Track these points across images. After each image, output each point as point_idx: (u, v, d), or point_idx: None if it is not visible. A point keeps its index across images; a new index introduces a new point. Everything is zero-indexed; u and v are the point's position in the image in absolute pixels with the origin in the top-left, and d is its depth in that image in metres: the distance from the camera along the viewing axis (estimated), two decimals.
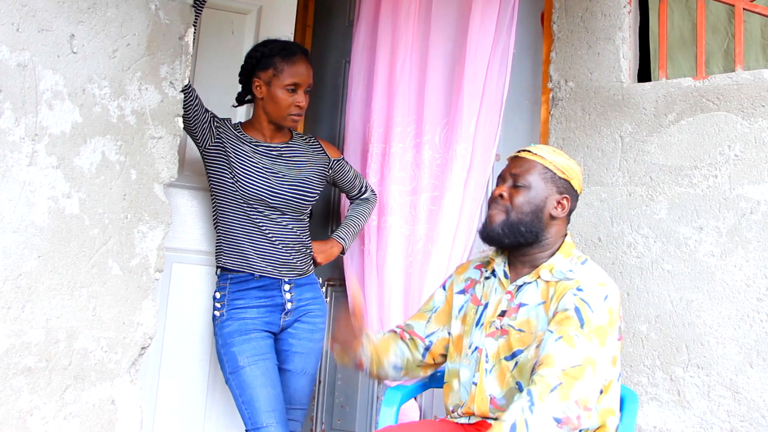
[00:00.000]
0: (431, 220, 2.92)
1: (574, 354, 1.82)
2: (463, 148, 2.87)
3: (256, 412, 2.47)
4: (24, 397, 1.92)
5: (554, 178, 2.03)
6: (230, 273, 2.62)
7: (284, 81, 2.60)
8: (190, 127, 2.58)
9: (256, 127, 2.69)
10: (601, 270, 2.02)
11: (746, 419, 2.43)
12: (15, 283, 1.91)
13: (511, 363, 1.98)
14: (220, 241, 2.64)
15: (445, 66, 3.01)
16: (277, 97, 2.61)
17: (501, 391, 1.99)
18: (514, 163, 2.09)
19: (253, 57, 2.66)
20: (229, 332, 2.56)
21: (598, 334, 1.86)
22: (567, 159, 2.07)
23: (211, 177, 2.65)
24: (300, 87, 2.62)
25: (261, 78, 2.63)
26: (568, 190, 2.05)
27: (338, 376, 3.18)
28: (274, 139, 2.70)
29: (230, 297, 2.59)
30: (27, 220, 1.93)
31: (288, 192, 2.62)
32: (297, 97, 2.61)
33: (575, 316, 1.87)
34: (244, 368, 2.51)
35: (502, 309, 2.03)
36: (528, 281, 2.03)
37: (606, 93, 2.81)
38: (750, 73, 2.58)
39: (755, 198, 2.50)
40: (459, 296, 2.15)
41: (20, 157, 1.92)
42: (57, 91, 1.99)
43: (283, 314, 2.62)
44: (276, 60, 2.61)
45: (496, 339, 2.01)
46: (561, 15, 2.93)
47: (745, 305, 2.47)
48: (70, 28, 2.02)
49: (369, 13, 3.20)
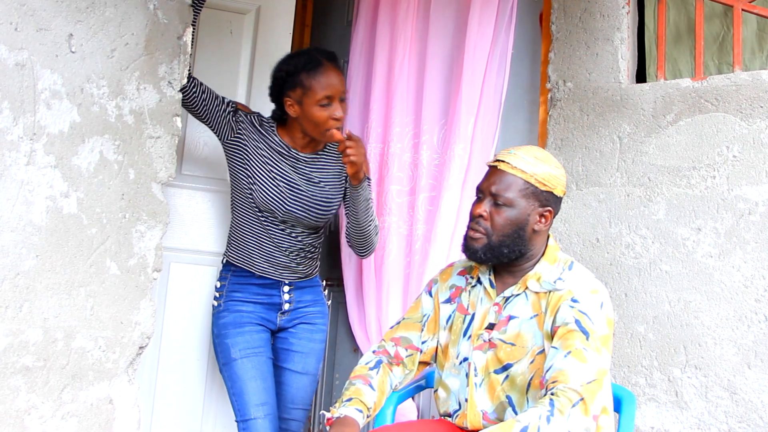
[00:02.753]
0: (429, 220, 2.92)
1: (587, 369, 1.81)
2: (461, 148, 2.87)
3: (245, 404, 2.49)
4: (22, 396, 1.92)
5: (536, 192, 1.95)
6: (233, 266, 2.62)
7: (315, 97, 2.44)
8: (203, 119, 2.53)
9: (290, 134, 2.57)
10: (588, 273, 1.99)
11: (744, 420, 2.43)
12: (13, 282, 1.91)
13: (501, 376, 1.96)
14: (231, 235, 2.64)
15: (444, 66, 3.01)
16: (312, 115, 2.45)
17: (492, 405, 1.98)
18: (493, 176, 1.98)
19: (278, 77, 2.52)
20: (224, 323, 2.57)
21: (604, 343, 1.86)
22: (548, 166, 1.96)
23: (231, 171, 2.60)
24: (334, 99, 2.45)
25: (291, 97, 2.48)
26: (551, 201, 1.98)
27: (336, 376, 3.18)
28: (306, 149, 2.58)
29: (229, 288, 2.60)
30: (25, 219, 1.93)
31: (300, 209, 2.54)
32: (333, 110, 2.45)
33: (577, 329, 1.85)
34: (236, 360, 2.53)
35: (490, 321, 2.00)
36: (516, 293, 1.99)
37: (604, 93, 2.81)
38: (748, 74, 2.58)
39: (753, 199, 2.50)
40: (445, 306, 2.12)
41: (18, 156, 1.92)
42: (55, 90, 1.99)
43: (279, 313, 2.62)
44: (302, 77, 2.45)
45: (484, 352, 1.99)
46: (559, 15, 2.93)
47: (743, 306, 2.47)
48: (68, 27, 2.02)
49: (367, 14, 3.20)
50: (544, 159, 1.98)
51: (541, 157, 1.98)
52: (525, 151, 1.98)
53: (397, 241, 2.97)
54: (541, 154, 2.00)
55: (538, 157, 1.97)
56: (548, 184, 1.96)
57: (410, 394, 2.36)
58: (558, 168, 1.99)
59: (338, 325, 3.23)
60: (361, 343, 3.01)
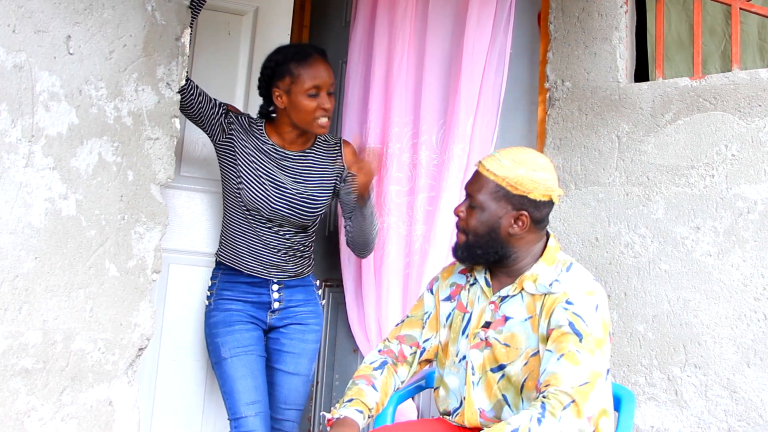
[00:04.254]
0: (428, 220, 2.92)
1: (579, 371, 1.81)
2: (460, 148, 2.87)
3: (236, 403, 2.52)
4: (21, 398, 1.92)
5: (508, 196, 1.94)
6: (223, 265, 2.64)
7: (304, 86, 2.48)
8: (197, 121, 2.56)
9: (278, 130, 2.60)
10: (587, 274, 1.98)
11: (743, 419, 2.43)
12: (12, 284, 1.91)
13: (497, 375, 1.97)
14: (222, 234, 2.66)
15: (442, 66, 3.01)
16: (300, 104, 2.50)
17: (489, 403, 1.98)
18: (473, 178, 2.01)
19: (267, 67, 2.56)
20: (215, 322, 2.59)
21: (598, 345, 1.85)
22: (524, 169, 1.93)
23: (222, 171, 2.63)
24: (321, 89, 2.50)
25: (280, 87, 2.52)
26: (526, 205, 1.94)
27: (336, 376, 3.18)
28: (294, 146, 2.61)
29: (219, 287, 2.62)
30: (24, 221, 1.93)
31: (285, 208, 2.56)
32: (320, 101, 2.49)
33: (571, 331, 1.84)
34: (226, 360, 2.55)
35: (486, 320, 2.00)
36: (512, 294, 1.99)
37: (603, 93, 2.81)
38: (747, 73, 2.58)
39: (752, 197, 2.50)
40: (445, 304, 2.12)
41: (17, 158, 1.92)
42: (53, 92, 1.99)
43: (269, 312, 2.63)
44: (291, 66, 2.50)
45: (481, 350, 1.99)
46: (558, 15, 2.93)
47: (743, 305, 2.47)
48: (66, 29, 2.02)
49: (366, 14, 3.20)
50: (523, 162, 1.95)
51: (520, 160, 1.95)
52: (505, 154, 1.98)
53: (397, 242, 2.97)
54: (523, 157, 1.97)
55: (516, 160, 1.95)
56: (521, 187, 1.93)
57: (410, 394, 2.36)
58: (539, 171, 1.95)
59: (338, 325, 3.23)
60: (361, 344, 3.01)
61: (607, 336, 1.89)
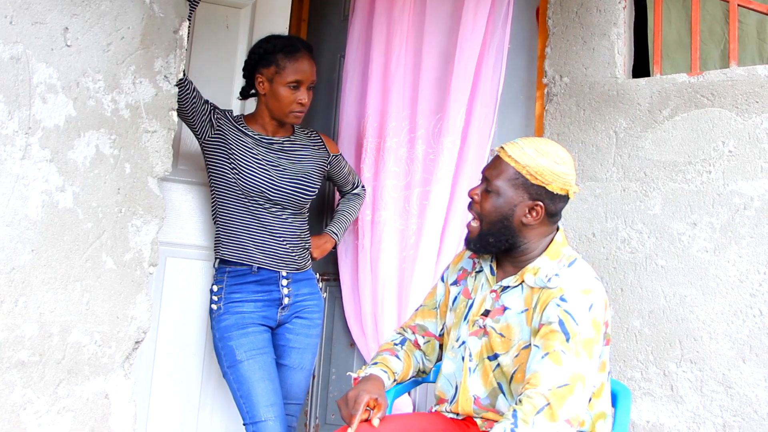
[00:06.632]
0: (423, 214, 2.92)
1: (561, 372, 1.78)
2: (450, 141, 2.86)
3: (255, 406, 2.47)
4: (17, 391, 1.92)
5: (526, 184, 1.93)
6: (228, 266, 2.61)
7: (286, 78, 2.58)
8: (189, 119, 2.58)
9: (259, 121, 2.68)
10: (589, 271, 1.96)
11: (739, 414, 2.44)
12: (8, 276, 1.90)
13: (493, 363, 1.97)
14: (219, 232, 2.64)
15: (440, 61, 3.00)
16: (279, 94, 2.60)
17: (485, 391, 1.98)
18: (492, 162, 2.00)
19: (255, 53, 2.64)
20: (227, 326, 2.55)
21: (586, 347, 1.82)
22: (547, 160, 1.92)
23: (210, 169, 2.64)
24: (302, 84, 2.60)
25: (263, 74, 2.61)
26: (543, 196, 1.94)
27: (332, 370, 3.18)
28: (277, 134, 2.70)
29: (227, 291, 2.59)
30: (20, 213, 1.92)
31: (289, 186, 2.62)
32: (299, 95, 2.59)
33: (560, 329, 1.82)
34: (242, 362, 2.51)
35: (486, 308, 2.01)
36: (513, 285, 1.98)
37: (601, 88, 2.81)
38: (744, 69, 2.58)
39: (749, 194, 2.50)
40: (453, 288, 2.14)
41: (14, 150, 1.91)
42: (51, 84, 1.98)
43: (279, 309, 2.62)
44: (278, 57, 2.59)
45: (479, 338, 2.00)
46: (556, 10, 2.93)
47: (738, 301, 2.48)
48: (63, 21, 2.01)
49: (364, 8, 3.19)
50: (546, 153, 1.94)
51: (543, 150, 1.94)
52: (528, 143, 1.96)
53: (393, 236, 2.97)
54: (546, 148, 1.95)
55: (540, 150, 1.94)
56: (540, 178, 1.92)
57: (407, 388, 2.36)
58: (561, 165, 1.94)
59: (334, 319, 3.23)
60: (357, 338, 3.01)
61: (600, 336, 1.86)
